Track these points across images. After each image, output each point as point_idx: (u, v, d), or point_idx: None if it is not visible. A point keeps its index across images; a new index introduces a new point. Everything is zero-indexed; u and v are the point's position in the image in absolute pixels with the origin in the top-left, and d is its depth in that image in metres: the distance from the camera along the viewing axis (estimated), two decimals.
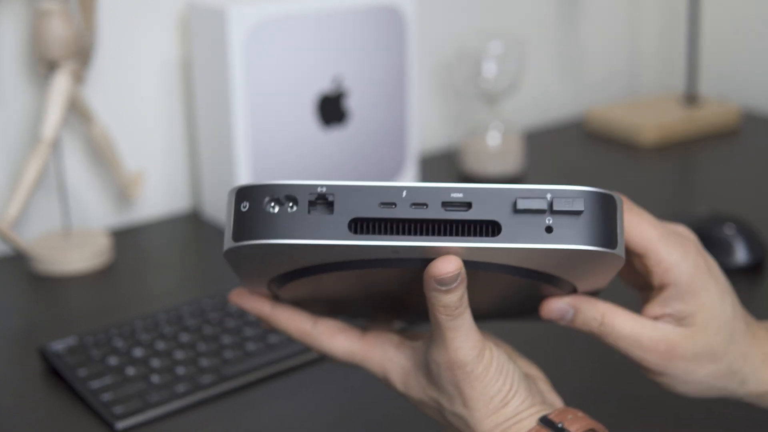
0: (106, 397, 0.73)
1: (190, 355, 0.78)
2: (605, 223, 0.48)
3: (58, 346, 0.79)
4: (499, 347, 0.54)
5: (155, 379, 0.75)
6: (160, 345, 0.80)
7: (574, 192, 0.48)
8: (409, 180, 1.17)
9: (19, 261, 1.00)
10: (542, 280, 0.52)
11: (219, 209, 1.09)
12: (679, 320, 0.56)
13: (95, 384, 0.75)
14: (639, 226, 0.55)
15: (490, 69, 1.20)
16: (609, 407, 0.72)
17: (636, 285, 0.60)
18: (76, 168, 1.08)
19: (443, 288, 0.49)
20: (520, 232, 0.47)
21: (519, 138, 1.23)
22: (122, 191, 1.07)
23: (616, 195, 0.49)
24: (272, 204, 0.48)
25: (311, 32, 1.04)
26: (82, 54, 0.98)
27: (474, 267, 0.50)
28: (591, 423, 0.52)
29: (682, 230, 0.58)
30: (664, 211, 1.10)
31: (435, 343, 0.52)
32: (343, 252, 0.48)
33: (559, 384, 0.75)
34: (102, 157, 1.05)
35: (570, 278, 0.53)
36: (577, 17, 1.49)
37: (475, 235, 0.48)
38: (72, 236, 1.01)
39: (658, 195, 1.16)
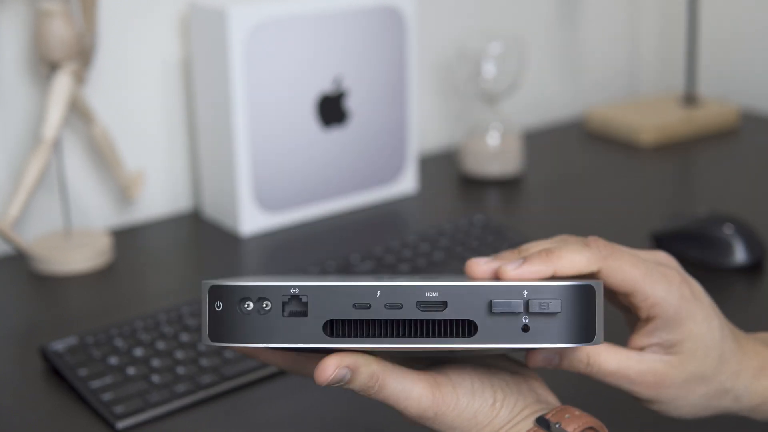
0: (107, 396, 0.73)
1: (191, 355, 0.79)
2: (583, 317, 0.48)
3: (59, 345, 0.80)
4: (464, 367, 0.53)
5: (156, 378, 0.75)
6: (161, 345, 0.80)
7: (550, 291, 0.48)
8: (411, 174, 1.17)
9: (19, 261, 1.00)
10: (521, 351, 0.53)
11: (219, 209, 1.09)
12: (667, 348, 0.56)
13: (96, 383, 0.75)
14: (621, 270, 0.54)
15: (489, 69, 1.21)
16: (607, 404, 0.72)
17: (620, 308, 0.61)
18: (77, 168, 1.08)
19: (339, 385, 0.49)
20: (496, 332, 0.47)
21: (519, 138, 1.23)
22: (123, 191, 1.07)
23: (595, 282, 0.49)
24: (246, 305, 0.48)
25: (311, 32, 1.04)
26: (84, 54, 0.98)
27: (450, 354, 0.50)
28: (589, 421, 0.52)
29: (663, 258, 0.58)
30: (663, 211, 1.10)
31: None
32: (318, 350, 0.48)
33: (556, 382, 0.75)
34: (103, 157, 1.05)
35: None
36: (576, 17, 1.49)
37: (450, 334, 0.48)
38: (73, 236, 1.01)
39: (657, 195, 1.16)
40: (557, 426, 0.51)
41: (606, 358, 0.56)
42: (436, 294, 0.47)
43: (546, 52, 1.47)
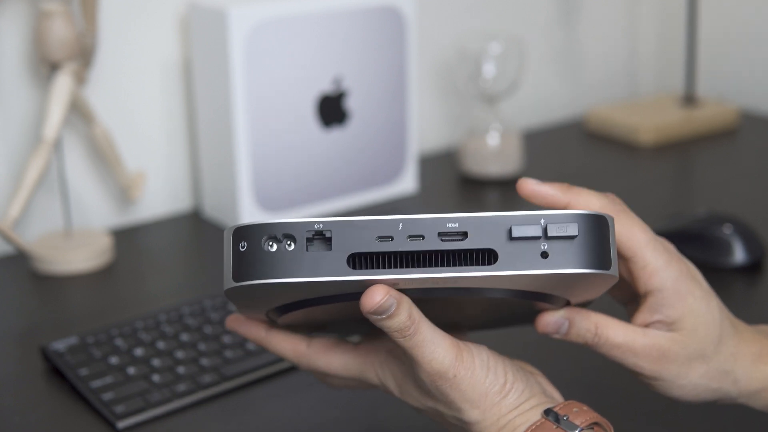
0: (108, 396, 0.73)
1: (191, 355, 0.79)
2: (599, 244, 0.49)
3: (60, 345, 0.80)
4: (479, 344, 0.54)
5: (156, 378, 0.76)
6: (161, 344, 0.80)
7: (567, 216, 0.49)
8: (411, 174, 1.17)
9: (20, 261, 1.00)
10: (537, 299, 0.53)
11: (220, 209, 1.09)
12: (669, 325, 0.57)
13: (96, 383, 0.75)
14: (630, 230, 0.56)
15: (489, 69, 1.21)
16: (605, 401, 0.72)
17: (621, 299, 0.62)
18: (78, 168, 1.08)
19: (382, 316, 0.49)
20: (517, 258, 0.48)
21: (518, 138, 1.23)
22: (123, 191, 1.07)
23: (608, 215, 0.50)
24: (270, 243, 0.48)
25: (311, 32, 1.04)
26: (84, 55, 0.99)
27: (469, 293, 0.50)
28: (595, 416, 0.53)
29: (663, 241, 0.59)
30: (662, 211, 1.10)
31: (411, 361, 0.52)
32: (343, 286, 0.49)
33: (556, 379, 0.75)
34: (103, 157, 1.05)
35: (564, 295, 0.54)
36: (576, 18, 1.50)
37: (472, 263, 0.48)
38: (73, 236, 1.01)
39: (656, 195, 1.16)
40: (565, 419, 0.52)
41: (614, 330, 0.57)
42: (456, 225, 0.48)
43: (546, 52, 1.48)
